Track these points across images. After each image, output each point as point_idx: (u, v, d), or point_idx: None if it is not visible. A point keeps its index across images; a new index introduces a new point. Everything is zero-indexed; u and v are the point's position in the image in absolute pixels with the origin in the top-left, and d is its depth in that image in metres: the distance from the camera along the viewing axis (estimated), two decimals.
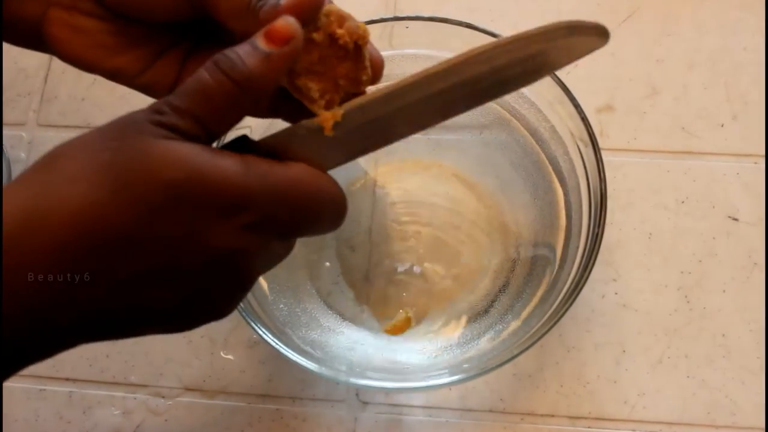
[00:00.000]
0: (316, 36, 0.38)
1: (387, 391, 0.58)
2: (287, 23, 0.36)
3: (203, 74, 0.36)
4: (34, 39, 0.42)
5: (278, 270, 0.56)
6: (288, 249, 0.41)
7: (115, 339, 0.38)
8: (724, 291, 0.60)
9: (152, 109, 0.35)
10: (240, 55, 0.36)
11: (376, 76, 0.41)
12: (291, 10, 0.37)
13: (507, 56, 0.37)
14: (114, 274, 0.34)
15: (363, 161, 0.62)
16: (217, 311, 0.39)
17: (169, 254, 0.34)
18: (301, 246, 0.60)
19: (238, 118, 0.37)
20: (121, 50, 0.42)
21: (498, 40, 0.37)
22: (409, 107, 0.39)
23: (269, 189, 0.36)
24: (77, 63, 0.42)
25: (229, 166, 0.35)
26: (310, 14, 0.38)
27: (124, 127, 0.35)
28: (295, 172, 0.37)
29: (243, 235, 0.36)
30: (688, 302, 0.60)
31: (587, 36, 0.37)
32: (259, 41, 0.36)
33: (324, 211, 0.39)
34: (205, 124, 0.36)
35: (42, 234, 0.32)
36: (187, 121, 0.35)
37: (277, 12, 0.37)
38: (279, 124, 0.42)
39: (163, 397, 0.61)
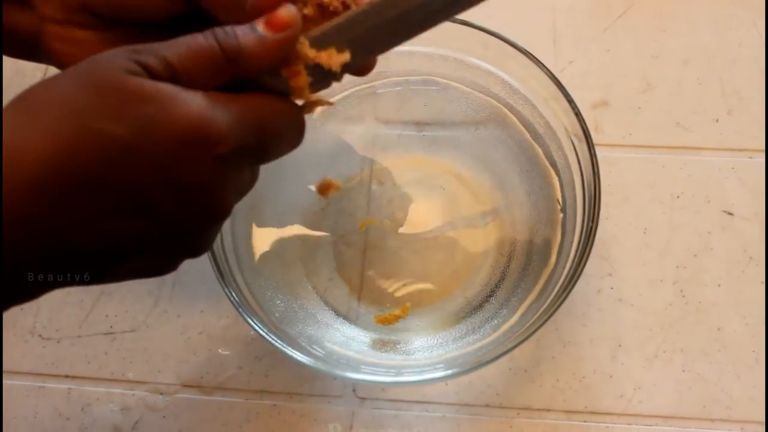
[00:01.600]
0: (307, 11, 0.39)
1: (383, 386, 0.58)
2: (288, 12, 0.38)
3: (197, 35, 0.37)
4: (33, 52, 0.43)
5: (274, 266, 0.57)
6: (256, 174, 0.41)
7: (97, 281, 0.38)
8: (719, 285, 0.60)
9: (130, 48, 0.36)
10: (236, 31, 0.37)
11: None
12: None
13: None
14: (87, 210, 0.34)
15: (359, 158, 0.63)
16: (194, 245, 0.39)
17: (140, 189, 0.34)
18: (298, 242, 0.60)
19: (208, 84, 0.37)
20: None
21: None
22: (367, 32, 0.40)
23: (237, 121, 0.36)
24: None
25: (197, 100, 0.35)
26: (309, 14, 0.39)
27: (96, 61, 0.35)
28: (261, 100, 0.38)
29: (213, 167, 0.36)
30: (683, 296, 0.60)
31: None
32: (258, 24, 0.38)
33: (288, 136, 0.40)
34: (178, 75, 0.36)
35: (10, 170, 0.32)
36: (162, 65, 0.36)
37: (263, 3, 0.38)
38: None
39: (161, 394, 0.61)
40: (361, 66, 0.44)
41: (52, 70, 0.72)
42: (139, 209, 0.35)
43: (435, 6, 0.40)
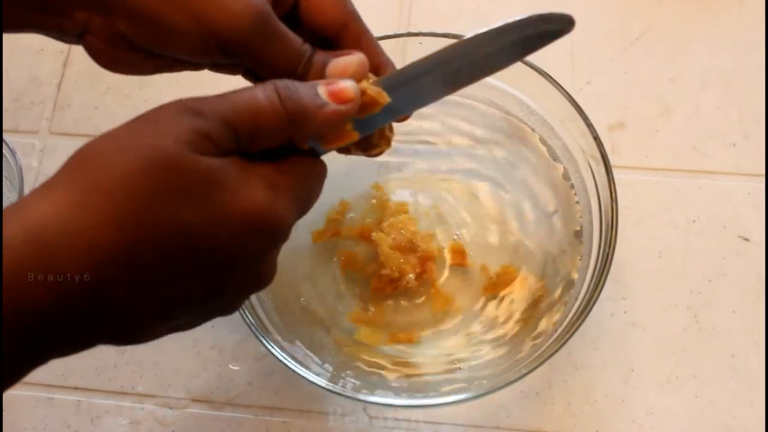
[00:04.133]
0: None
1: (395, 408, 0.58)
2: (352, 88, 0.39)
3: (257, 91, 0.37)
4: (75, 42, 0.43)
5: (285, 282, 0.57)
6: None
7: (128, 342, 0.38)
8: (733, 311, 0.60)
9: (192, 109, 0.35)
10: (299, 88, 0.38)
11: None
12: (339, 75, 0.41)
13: (483, 48, 0.43)
14: (144, 286, 0.34)
15: (373, 175, 0.62)
16: (232, 308, 0.41)
17: (199, 268, 0.35)
18: (308, 258, 0.60)
19: (269, 145, 0.38)
20: (161, 68, 0.44)
21: (474, 34, 0.43)
22: (393, 100, 0.42)
23: (291, 199, 0.38)
24: (116, 72, 0.44)
25: (260, 188, 0.36)
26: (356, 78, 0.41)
27: (160, 124, 0.35)
28: (302, 169, 0.39)
29: (273, 249, 0.38)
30: (697, 322, 0.60)
31: (555, 24, 0.43)
32: (321, 89, 0.38)
33: (320, 190, 0.41)
34: (240, 139, 0.36)
35: (78, 247, 0.32)
36: (224, 131, 0.36)
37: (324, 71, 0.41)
38: None
39: (171, 408, 0.61)
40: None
41: (68, 78, 0.72)
42: (196, 285, 0.36)
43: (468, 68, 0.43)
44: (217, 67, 0.44)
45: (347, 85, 0.39)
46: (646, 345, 0.60)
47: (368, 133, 0.42)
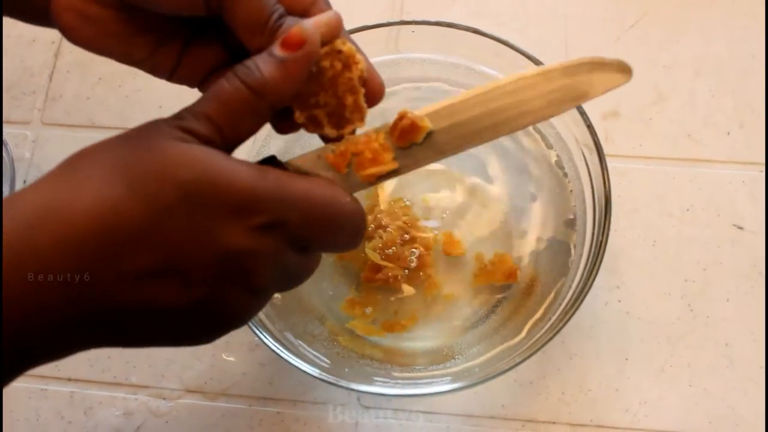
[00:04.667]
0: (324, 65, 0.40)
1: (389, 397, 0.58)
2: (301, 29, 0.37)
3: (222, 82, 0.37)
4: (43, 17, 0.42)
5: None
6: (306, 266, 0.41)
7: (127, 345, 0.38)
8: (728, 300, 0.60)
9: (174, 116, 0.37)
10: (256, 63, 0.37)
11: (375, 99, 0.42)
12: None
13: (531, 90, 0.40)
14: (123, 269, 0.34)
15: None
16: (229, 317, 0.39)
17: (179, 252, 0.35)
18: None
19: (254, 126, 0.38)
20: (127, 37, 0.42)
21: (523, 72, 0.40)
22: (436, 135, 0.41)
23: (281, 194, 0.36)
24: (83, 46, 0.42)
25: (243, 170, 0.36)
26: (328, 38, 0.39)
27: (143, 129, 0.36)
28: (310, 182, 0.38)
29: (252, 236, 0.36)
30: (691, 311, 0.60)
31: (609, 72, 0.40)
32: (275, 48, 0.38)
33: (339, 225, 0.39)
34: (221, 129, 0.37)
35: (56, 227, 0.33)
36: (204, 125, 0.36)
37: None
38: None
39: (165, 399, 0.61)
40: None
41: (59, 68, 0.72)
42: (176, 272, 0.35)
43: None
44: (192, 41, 0.43)
45: (296, 29, 0.38)
46: (641, 334, 0.60)
47: (411, 168, 0.42)
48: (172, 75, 0.43)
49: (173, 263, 0.35)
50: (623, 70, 0.41)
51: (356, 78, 0.40)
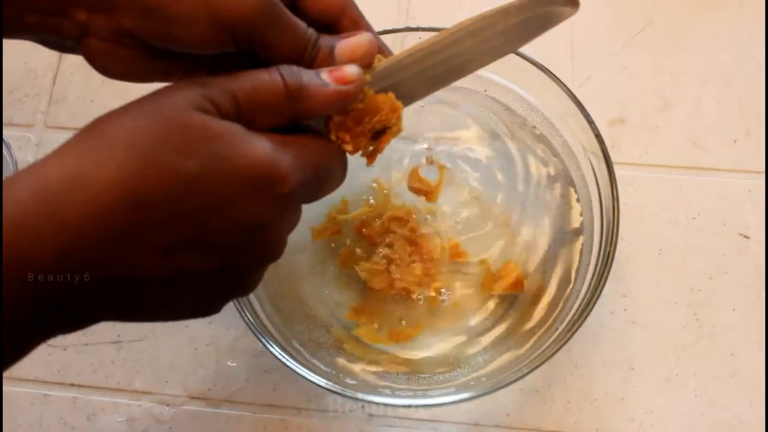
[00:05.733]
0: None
1: (394, 407, 0.58)
2: (354, 71, 0.40)
3: (262, 70, 0.39)
4: (72, 50, 0.43)
5: (284, 279, 0.57)
6: (300, 217, 0.42)
7: (146, 316, 0.39)
8: (733, 309, 0.60)
9: (199, 82, 0.37)
10: (302, 72, 0.39)
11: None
12: (349, 55, 0.42)
13: (491, 29, 0.43)
14: (148, 242, 0.34)
15: (371, 173, 0.62)
16: (245, 283, 0.41)
17: (204, 224, 0.35)
18: (307, 254, 0.60)
19: (270, 123, 0.39)
20: (158, 71, 0.43)
21: (482, 13, 0.43)
22: (405, 80, 0.44)
23: (299, 160, 0.38)
24: (117, 79, 0.44)
25: (263, 142, 0.37)
26: (362, 62, 0.42)
27: (165, 93, 0.37)
28: (318, 143, 0.40)
29: (274, 207, 0.37)
30: (697, 320, 0.60)
31: (559, 6, 0.43)
32: (323, 73, 0.40)
33: (336, 175, 0.42)
34: (242, 113, 0.38)
35: (82, 200, 0.33)
36: (228, 101, 0.37)
37: (331, 54, 0.41)
38: None
39: (168, 405, 0.60)
40: None
41: (63, 71, 0.71)
42: (201, 243, 0.36)
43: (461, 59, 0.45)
44: (220, 64, 0.43)
45: (347, 68, 0.40)
46: (646, 343, 0.59)
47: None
48: None
49: (198, 235, 0.35)
50: (571, 3, 0.43)
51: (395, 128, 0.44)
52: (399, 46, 0.60)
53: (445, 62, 0.44)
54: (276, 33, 0.40)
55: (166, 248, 0.35)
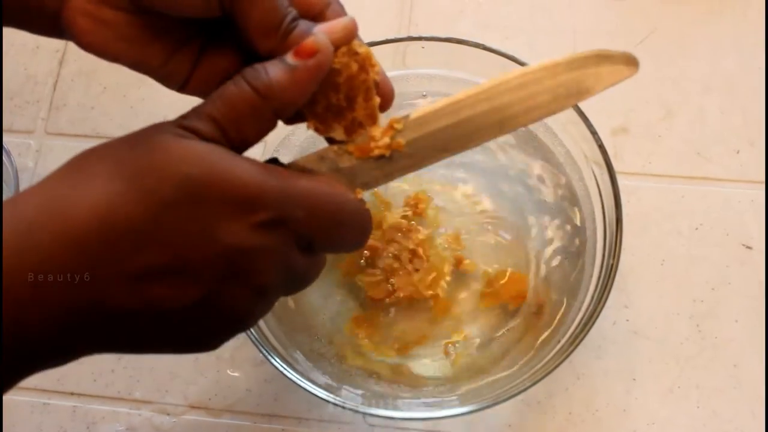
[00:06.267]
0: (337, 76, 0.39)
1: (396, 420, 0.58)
2: (315, 40, 0.38)
3: (228, 83, 0.37)
4: (51, 26, 0.41)
5: None
6: (312, 268, 0.40)
7: (129, 350, 0.37)
8: (736, 321, 0.60)
9: (179, 117, 0.37)
10: (265, 67, 0.37)
11: (387, 105, 0.42)
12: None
13: (536, 85, 0.40)
14: (123, 268, 0.33)
15: None
16: (233, 319, 0.38)
17: (180, 249, 0.34)
18: None
19: (259, 129, 0.38)
20: (144, 43, 0.41)
21: (528, 67, 0.40)
22: (438, 132, 0.41)
23: (286, 190, 0.36)
24: (98, 53, 0.41)
25: (246, 166, 0.35)
26: (343, 43, 0.39)
27: (146, 129, 0.36)
28: (314, 178, 0.38)
29: (256, 233, 0.35)
30: (700, 331, 0.59)
31: (615, 65, 0.40)
32: (288, 56, 0.38)
33: (344, 222, 0.39)
34: (225, 131, 0.37)
35: (57, 225, 0.32)
36: (207, 124, 0.36)
37: (307, 35, 0.38)
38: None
39: (168, 414, 0.60)
40: None
41: (63, 78, 0.71)
42: (178, 270, 0.34)
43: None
44: (207, 48, 0.42)
45: (310, 39, 0.38)
46: (649, 354, 0.59)
47: (417, 167, 0.42)
48: (185, 85, 0.42)
49: (175, 261, 0.34)
50: (629, 62, 0.41)
51: (371, 81, 0.40)
52: (401, 55, 0.60)
53: (485, 116, 0.41)
54: None
55: (142, 275, 0.34)
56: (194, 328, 0.37)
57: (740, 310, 0.60)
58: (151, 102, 0.71)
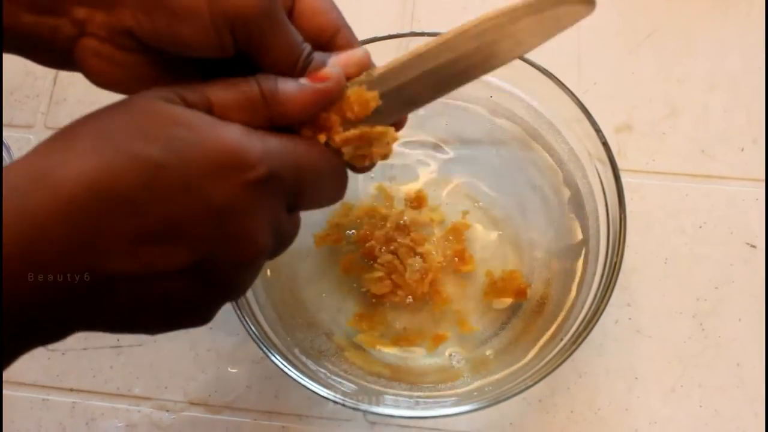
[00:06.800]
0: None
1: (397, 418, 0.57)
2: (333, 69, 0.40)
3: (238, 78, 0.38)
4: (62, 61, 0.42)
5: (286, 286, 0.56)
6: (293, 227, 0.41)
7: (123, 325, 0.37)
8: (739, 320, 0.59)
9: (171, 86, 0.37)
10: (278, 77, 0.39)
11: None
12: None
13: (497, 31, 0.41)
14: (116, 232, 0.33)
15: (378, 175, 0.61)
16: (228, 284, 0.38)
17: (172, 211, 0.34)
18: (309, 260, 0.59)
19: (244, 122, 0.38)
20: (154, 80, 0.41)
21: (487, 13, 0.40)
22: (405, 86, 0.42)
23: (271, 149, 0.37)
24: (109, 89, 0.42)
25: (231, 128, 0.36)
26: (355, 74, 0.41)
27: (134, 95, 0.36)
28: (296, 137, 0.39)
29: (247, 192, 0.36)
30: (702, 330, 0.59)
31: (573, 5, 0.40)
32: (302, 79, 0.39)
33: (326, 177, 0.41)
34: (211, 110, 0.37)
35: (47, 193, 0.32)
36: (197, 97, 0.37)
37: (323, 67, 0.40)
38: None
39: (168, 411, 0.60)
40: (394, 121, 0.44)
41: (63, 72, 0.71)
42: (170, 233, 0.34)
43: (463, 65, 0.42)
44: (218, 69, 0.43)
45: (327, 68, 0.40)
46: (651, 353, 0.59)
47: (387, 121, 0.42)
48: None
49: (167, 223, 0.34)
50: (587, 1, 0.40)
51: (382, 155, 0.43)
52: (404, 50, 0.59)
53: (449, 66, 0.42)
54: (275, 34, 0.39)
55: (133, 240, 0.33)
56: (188, 295, 0.36)
57: (744, 309, 0.59)
58: None
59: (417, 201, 0.59)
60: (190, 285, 0.36)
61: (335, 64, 0.41)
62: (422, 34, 0.58)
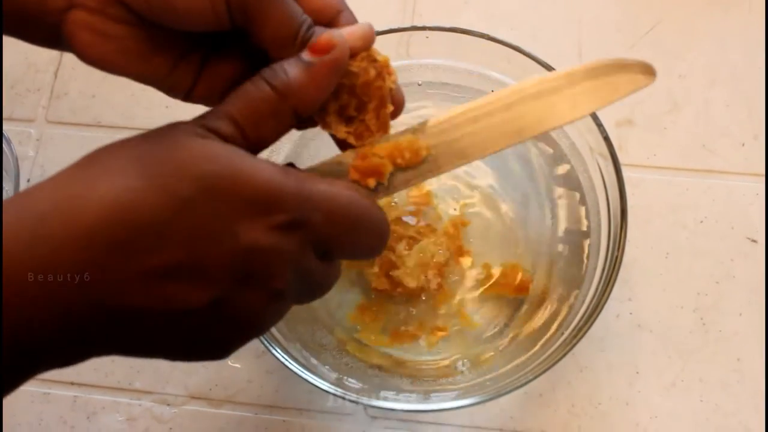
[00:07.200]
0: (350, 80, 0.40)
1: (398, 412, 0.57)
2: (330, 35, 0.38)
3: (247, 83, 0.37)
4: (52, 37, 0.40)
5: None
6: (328, 275, 0.39)
7: (140, 354, 0.36)
8: (740, 314, 0.59)
9: (198, 116, 0.37)
10: (283, 66, 0.37)
11: (397, 112, 0.42)
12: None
13: (554, 93, 0.40)
14: (136, 265, 0.32)
15: None
16: (247, 324, 0.37)
17: (196, 248, 0.33)
18: None
19: (278, 129, 0.38)
20: (147, 56, 0.40)
21: (545, 75, 0.40)
22: (457, 140, 0.41)
23: (304, 194, 0.36)
24: (99, 65, 0.40)
25: (266, 168, 0.35)
26: (360, 50, 0.39)
27: (165, 127, 0.36)
28: (332, 183, 0.37)
29: (274, 235, 0.35)
30: (703, 324, 0.59)
31: (633, 74, 0.40)
32: (304, 53, 0.38)
33: (362, 228, 0.38)
34: (244, 130, 0.37)
35: (68, 219, 0.32)
36: (226, 124, 0.36)
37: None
38: None
39: (169, 405, 0.60)
40: None
41: (65, 65, 0.71)
42: (191, 270, 0.33)
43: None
44: (210, 59, 0.42)
45: (325, 35, 0.38)
46: (652, 347, 0.59)
47: (434, 174, 0.42)
48: (190, 94, 0.42)
49: (190, 260, 0.33)
50: (647, 71, 0.41)
51: (387, 89, 0.40)
52: (405, 44, 0.59)
53: (503, 124, 0.41)
54: (273, 6, 0.38)
55: (154, 273, 0.33)
56: (206, 332, 0.36)
57: (744, 303, 0.60)
58: (152, 91, 0.69)
59: (418, 195, 0.59)
60: (207, 322, 0.35)
61: (339, 35, 0.39)
62: (423, 28, 0.58)
